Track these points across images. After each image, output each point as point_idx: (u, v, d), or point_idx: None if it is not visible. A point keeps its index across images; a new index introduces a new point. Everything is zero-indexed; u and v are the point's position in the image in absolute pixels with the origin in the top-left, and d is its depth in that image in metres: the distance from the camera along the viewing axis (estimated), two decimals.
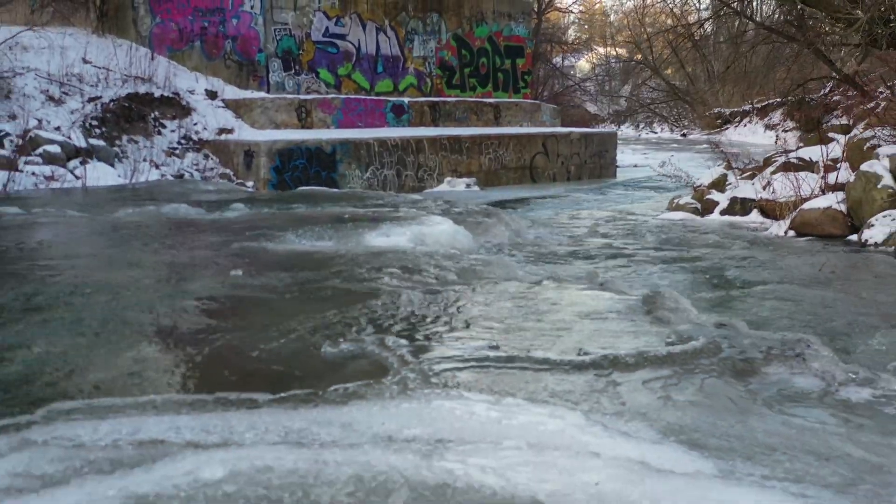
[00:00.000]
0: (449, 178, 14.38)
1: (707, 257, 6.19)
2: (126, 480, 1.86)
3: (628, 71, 32.64)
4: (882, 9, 11.00)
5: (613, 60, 33.25)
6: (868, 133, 8.32)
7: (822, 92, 19.59)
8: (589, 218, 9.87)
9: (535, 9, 23.62)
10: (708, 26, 22.53)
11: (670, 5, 19.53)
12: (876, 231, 6.79)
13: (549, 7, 24.63)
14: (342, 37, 14.71)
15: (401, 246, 5.35)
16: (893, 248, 6.56)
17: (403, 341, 3.16)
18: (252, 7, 13.90)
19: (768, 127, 26.66)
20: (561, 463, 1.95)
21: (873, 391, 2.94)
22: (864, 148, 8.16)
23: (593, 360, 2.97)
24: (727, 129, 28.36)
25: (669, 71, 33.27)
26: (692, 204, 9.64)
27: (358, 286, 4.13)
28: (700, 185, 10.21)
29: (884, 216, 6.83)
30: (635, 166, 19.16)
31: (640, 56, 31.26)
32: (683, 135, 29.34)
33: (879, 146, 7.84)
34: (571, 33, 35.35)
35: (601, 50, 34.40)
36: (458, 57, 16.50)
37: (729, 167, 10.32)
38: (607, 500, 1.76)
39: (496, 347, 3.12)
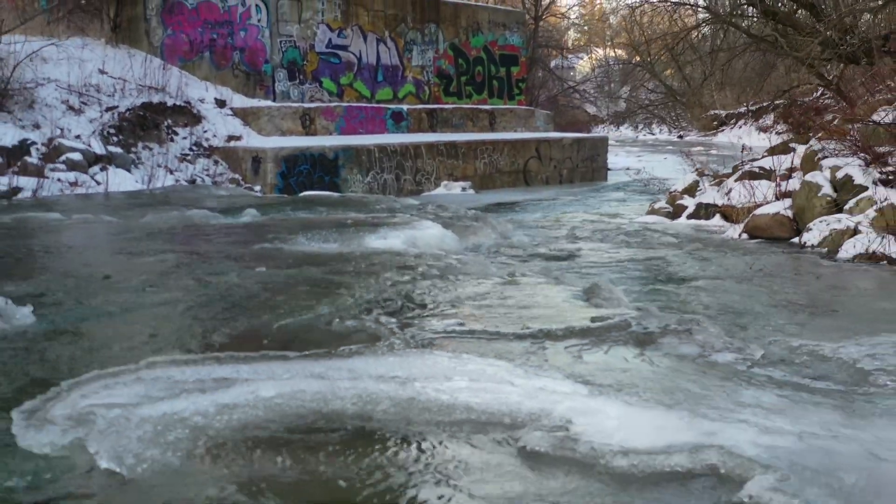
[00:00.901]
0: (446, 182, 15.55)
1: (660, 257, 7.37)
2: (213, 397, 3.05)
3: (627, 72, 33.81)
4: (844, 23, 12.21)
5: (613, 62, 34.41)
6: (818, 146, 9.50)
7: (813, 96, 20.76)
8: (571, 221, 11.03)
9: (532, 14, 24.83)
10: (706, 29, 23.66)
11: (665, 9, 20.65)
12: (813, 234, 7.97)
13: (547, 12, 25.82)
14: (344, 48, 15.92)
15: (395, 248, 6.55)
16: (826, 249, 7.74)
17: (392, 319, 4.36)
18: (259, 20, 15.09)
19: (762, 129, 27.75)
20: (489, 388, 3.13)
21: (738, 356, 4.11)
22: (815, 159, 9.34)
23: (532, 332, 4.16)
24: (723, 130, 29.45)
25: (669, 72, 34.35)
26: (666, 208, 10.82)
27: (359, 280, 5.33)
28: (674, 191, 11.38)
29: (820, 221, 8.01)
30: (628, 169, 20.31)
31: (638, 58, 32.37)
32: (680, 136, 30.54)
33: (826, 157, 9.02)
34: (572, 34, 36.55)
35: (600, 51, 35.58)
36: (454, 66, 17.71)
37: (701, 174, 11.48)
38: (511, 404, 2.94)
39: (462, 324, 4.31)
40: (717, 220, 9.62)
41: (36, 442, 2.73)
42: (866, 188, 8.05)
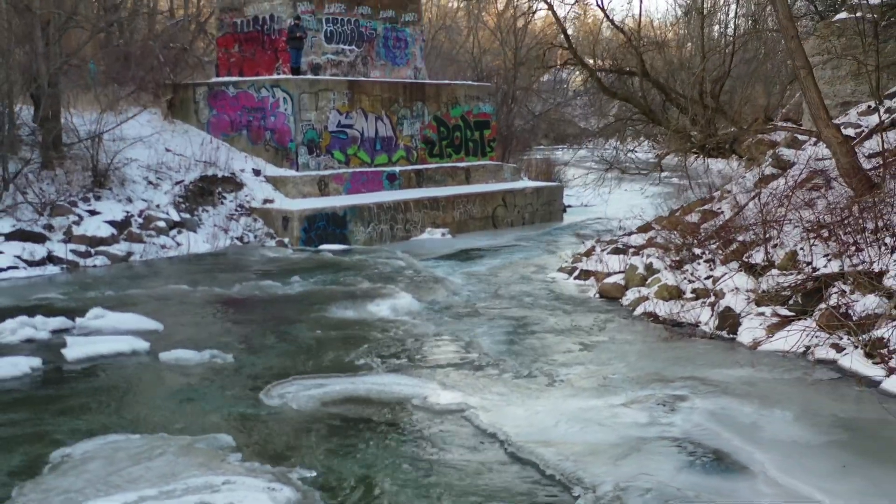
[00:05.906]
0: (429, 229, 23.89)
1: (532, 313, 15.60)
2: (320, 389, 11.42)
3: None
4: (711, 124, 20.51)
5: (602, 75, 42.41)
6: (654, 233, 17.75)
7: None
8: (508, 272, 19.31)
9: (512, 59, 32.95)
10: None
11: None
12: (627, 298, 16.24)
13: (523, 62, 33.79)
14: (350, 126, 24.26)
15: (383, 314, 14.96)
16: (631, 308, 15.96)
17: (378, 359, 12.70)
18: (286, 109, 23.41)
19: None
20: (407, 387, 11.45)
21: (503, 370, 12.35)
22: (653, 243, 17.59)
23: (430, 365, 12.49)
24: (698, 155, 37.44)
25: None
26: (568, 267, 19.08)
27: (364, 335, 13.69)
28: (578, 253, 19.64)
29: (632, 290, 16.28)
30: (584, 206, 28.54)
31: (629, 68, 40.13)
32: (658, 156, 38.46)
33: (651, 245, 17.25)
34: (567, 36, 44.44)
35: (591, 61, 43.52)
36: (437, 133, 26.05)
37: (598, 241, 19.72)
38: (413, 391, 11.21)
39: (405, 361, 12.64)
40: (589, 282, 17.86)
41: (271, 402, 11.06)
42: (659, 270, 16.29)
